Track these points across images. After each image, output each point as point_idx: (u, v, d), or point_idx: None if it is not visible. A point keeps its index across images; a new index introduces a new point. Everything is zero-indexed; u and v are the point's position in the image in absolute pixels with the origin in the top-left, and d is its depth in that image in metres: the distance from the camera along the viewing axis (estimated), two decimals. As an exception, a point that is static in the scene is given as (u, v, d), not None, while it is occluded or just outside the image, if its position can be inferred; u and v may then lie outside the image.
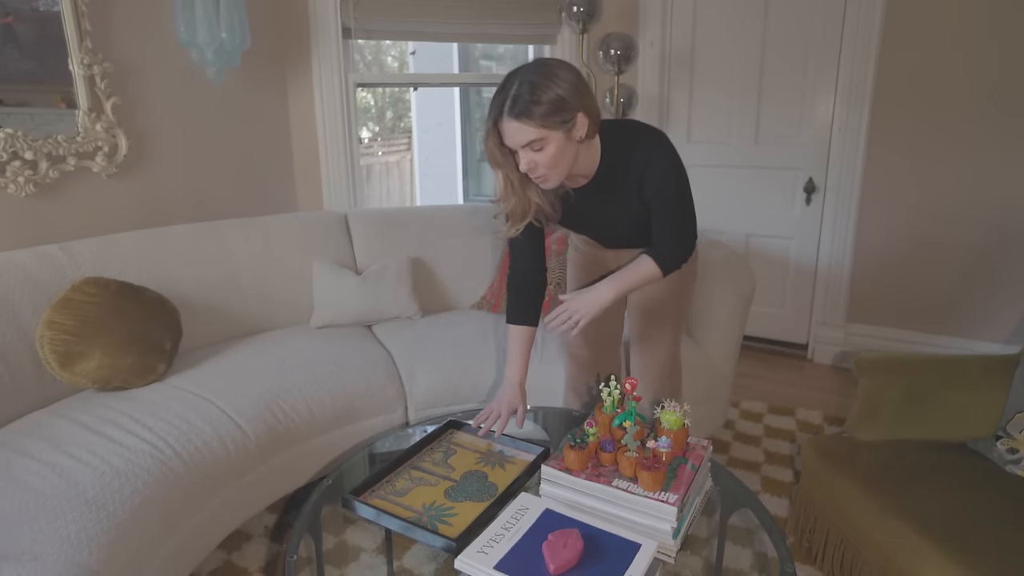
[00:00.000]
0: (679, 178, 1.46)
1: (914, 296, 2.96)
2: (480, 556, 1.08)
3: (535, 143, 1.30)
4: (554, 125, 1.29)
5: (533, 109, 1.26)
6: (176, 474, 1.49)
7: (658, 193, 1.45)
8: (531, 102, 1.26)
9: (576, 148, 1.37)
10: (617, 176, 1.47)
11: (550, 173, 1.35)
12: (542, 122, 1.28)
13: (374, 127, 7.07)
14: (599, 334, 1.84)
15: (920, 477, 1.60)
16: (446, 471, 1.44)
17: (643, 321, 1.80)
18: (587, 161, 1.44)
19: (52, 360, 1.70)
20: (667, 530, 1.17)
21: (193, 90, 2.33)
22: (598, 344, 1.86)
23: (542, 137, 1.29)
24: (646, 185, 1.44)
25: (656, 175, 1.43)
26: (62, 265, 1.88)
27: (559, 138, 1.31)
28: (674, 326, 1.80)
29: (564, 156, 1.34)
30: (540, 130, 1.28)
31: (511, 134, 1.31)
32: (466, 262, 2.52)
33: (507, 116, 1.29)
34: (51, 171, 1.97)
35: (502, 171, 1.40)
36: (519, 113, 1.27)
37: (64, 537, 1.25)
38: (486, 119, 1.36)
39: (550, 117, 1.28)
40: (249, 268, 2.24)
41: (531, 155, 1.32)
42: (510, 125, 1.29)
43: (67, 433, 1.54)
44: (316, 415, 1.82)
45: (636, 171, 1.44)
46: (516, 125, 1.29)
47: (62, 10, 1.94)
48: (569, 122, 1.31)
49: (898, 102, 2.79)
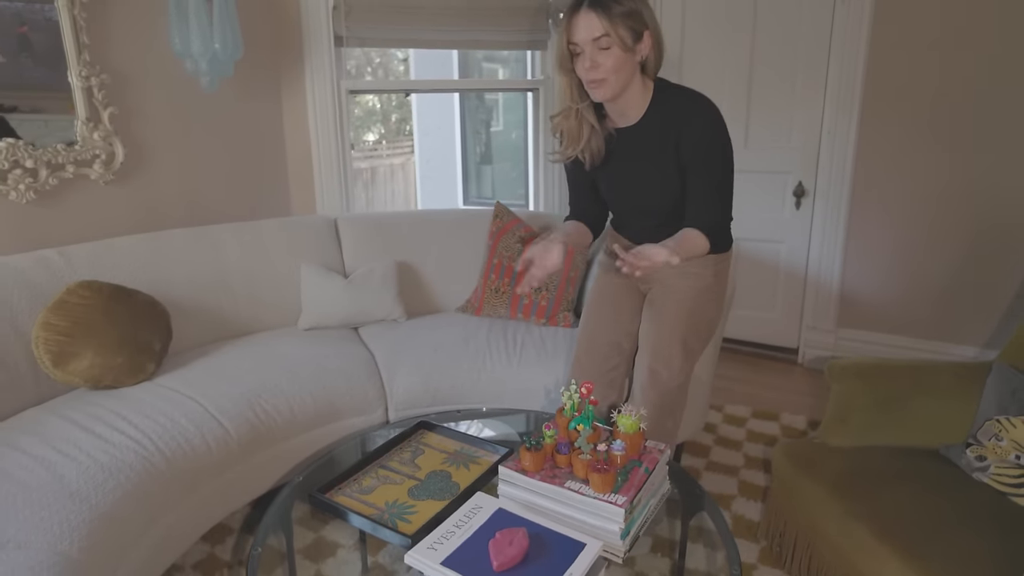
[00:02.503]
0: (719, 143, 1.51)
1: (905, 301, 2.97)
2: (429, 552, 1.13)
3: (603, 39, 1.39)
4: (625, 30, 1.40)
5: (613, 7, 1.38)
6: (158, 469, 1.56)
7: (696, 152, 1.50)
8: (614, 0, 1.38)
9: (634, 68, 1.46)
10: (658, 126, 1.53)
11: (608, 79, 1.43)
12: (617, 22, 1.38)
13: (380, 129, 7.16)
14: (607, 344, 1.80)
15: (886, 482, 1.62)
16: (412, 470, 1.50)
17: (653, 333, 1.72)
18: (637, 97, 1.52)
19: (46, 359, 1.78)
20: (615, 531, 1.21)
21: (188, 99, 2.41)
22: (601, 352, 1.82)
23: (610, 35, 1.39)
24: (684, 142, 1.50)
25: (695, 133, 1.49)
26: (59, 269, 1.96)
27: (624, 46, 1.41)
28: (687, 349, 1.68)
29: (624, 68, 1.43)
30: (612, 28, 1.38)
31: (584, 27, 1.40)
32: (452, 266, 2.58)
33: (586, 7, 1.39)
34: (51, 179, 2.05)
35: (566, 77, 1.49)
36: (599, 6, 1.38)
37: (47, 527, 1.32)
38: (563, 17, 1.45)
39: (625, 19, 1.39)
40: (240, 271, 2.31)
41: (596, 54, 1.41)
42: (587, 16, 1.39)
43: (57, 429, 1.61)
44: (297, 414, 1.88)
45: (676, 126, 1.50)
46: (592, 17, 1.39)
47: (61, 24, 2.02)
48: (638, 34, 1.42)
49: (887, 106, 2.81)
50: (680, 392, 1.75)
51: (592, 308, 1.89)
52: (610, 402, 1.86)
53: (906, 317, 2.98)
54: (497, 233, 2.51)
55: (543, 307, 2.37)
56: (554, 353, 2.12)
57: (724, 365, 3.17)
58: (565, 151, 1.61)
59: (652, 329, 1.72)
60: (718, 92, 3.05)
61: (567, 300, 2.37)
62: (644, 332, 1.75)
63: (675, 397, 1.74)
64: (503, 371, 2.10)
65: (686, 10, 3.07)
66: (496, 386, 2.09)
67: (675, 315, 1.68)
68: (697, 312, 1.70)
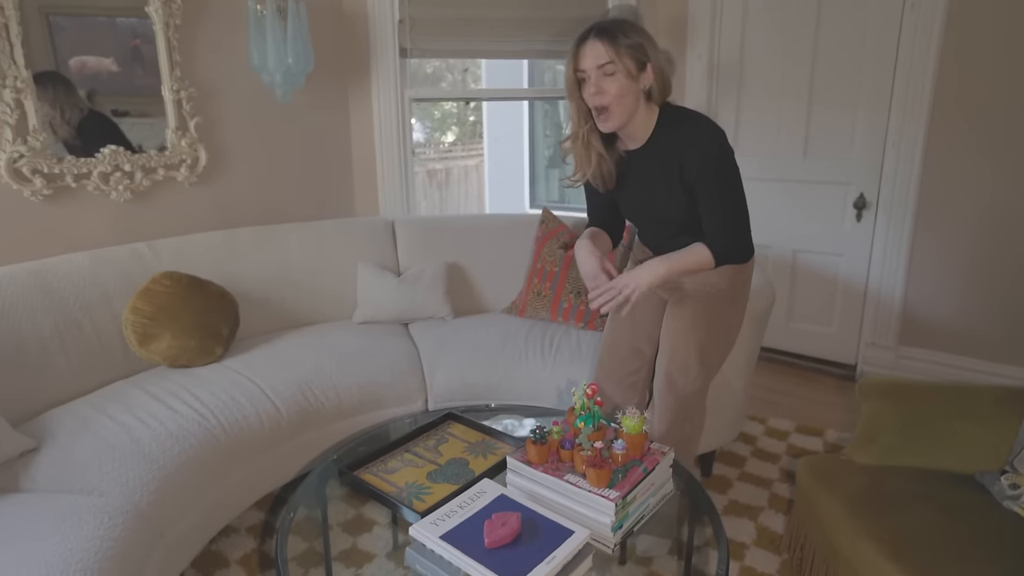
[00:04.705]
0: (722, 162, 1.56)
1: (972, 321, 2.84)
2: (431, 527, 1.25)
3: (608, 66, 1.49)
4: (629, 60, 1.49)
5: (619, 38, 1.49)
6: (217, 440, 1.77)
7: (701, 174, 1.55)
8: (619, 32, 1.49)
9: (638, 96, 1.55)
10: (663, 150, 1.60)
11: (613, 106, 1.52)
12: (622, 51, 1.49)
13: (455, 131, 7.40)
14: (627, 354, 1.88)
15: (907, 504, 1.59)
16: (434, 456, 1.63)
17: (670, 340, 1.78)
18: (643, 122, 1.60)
19: (133, 339, 2.04)
20: (607, 523, 1.30)
21: (264, 109, 2.66)
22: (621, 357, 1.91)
23: (615, 62, 1.49)
24: (687, 165, 1.56)
25: (697, 156, 1.55)
26: (148, 260, 2.23)
27: (629, 74, 1.50)
28: (704, 356, 1.74)
29: (628, 95, 1.52)
30: (617, 56, 1.48)
31: (591, 54, 1.50)
32: (500, 268, 2.69)
33: (593, 36, 1.50)
34: (144, 180, 2.34)
35: (574, 104, 1.60)
36: (605, 35, 1.49)
37: (124, 481, 1.55)
38: (572, 45, 1.56)
39: (630, 50, 1.49)
40: (301, 267, 2.53)
41: (601, 80, 1.51)
42: (594, 45, 1.50)
43: (138, 400, 1.86)
44: (344, 400, 2.06)
45: (679, 150, 1.57)
46: (599, 45, 1.49)
47: (157, 45, 2.29)
48: (642, 65, 1.51)
49: (957, 118, 2.69)
50: (698, 398, 1.79)
51: (615, 313, 1.95)
52: (631, 404, 1.92)
53: (973, 338, 2.84)
54: (542, 238, 2.61)
55: (581, 311, 2.45)
56: (587, 355, 2.20)
57: (774, 377, 3.13)
58: (575, 176, 1.69)
59: (670, 335, 1.78)
60: (778, 98, 3.06)
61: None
62: (663, 338, 1.81)
63: (692, 402, 1.78)
64: (537, 371, 2.20)
65: (748, 11, 3.05)
66: (530, 384, 2.19)
67: (692, 322, 1.73)
68: (714, 320, 1.74)
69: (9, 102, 1.98)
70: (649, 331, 1.86)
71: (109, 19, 2.22)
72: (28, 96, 2.01)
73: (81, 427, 1.72)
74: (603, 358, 1.94)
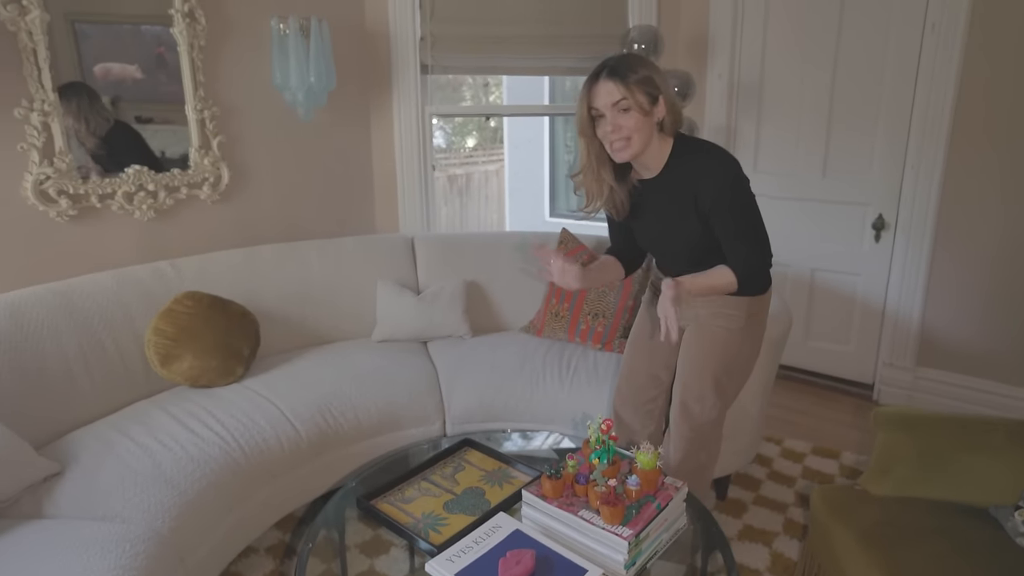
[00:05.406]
0: (736, 192, 1.59)
1: (991, 344, 2.81)
2: (447, 564, 1.27)
3: (622, 102, 1.51)
4: (642, 95, 1.52)
5: (629, 75, 1.51)
6: (238, 464, 1.80)
7: (716, 204, 1.58)
8: (628, 70, 1.52)
9: (652, 129, 1.57)
10: (676, 180, 1.62)
11: (629, 139, 1.54)
12: (633, 88, 1.51)
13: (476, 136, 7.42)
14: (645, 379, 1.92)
15: (917, 538, 1.59)
16: (451, 485, 1.65)
17: (686, 369, 1.80)
18: (657, 152, 1.62)
19: (155, 360, 2.08)
20: (620, 560, 1.31)
21: (286, 127, 2.69)
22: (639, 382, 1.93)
23: (628, 99, 1.51)
24: (701, 196, 1.58)
25: (711, 186, 1.57)
26: (170, 279, 2.26)
27: (643, 110, 1.53)
28: (719, 386, 1.75)
29: (643, 129, 1.55)
30: (630, 93, 1.51)
31: (604, 94, 1.53)
32: (518, 287, 2.71)
33: (604, 77, 1.53)
34: (167, 199, 2.38)
35: (585, 140, 1.62)
36: (616, 75, 1.51)
37: (145, 507, 1.58)
38: (583, 86, 1.58)
39: (641, 86, 1.52)
40: (322, 285, 2.56)
41: (617, 117, 1.53)
42: (606, 85, 1.52)
43: (159, 422, 1.89)
44: (362, 422, 2.08)
45: (693, 180, 1.59)
46: (611, 85, 1.52)
47: (181, 66, 2.33)
48: (654, 99, 1.54)
49: (978, 141, 2.66)
50: (714, 427, 1.80)
51: (633, 341, 1.97)
52: (648, 431, 1.94)
53: (991, 361, 2.81)
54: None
55: (599, 333, 2.45)
56: (604, 378, 2.21)
57: (790, 396, 3.11)
58: (587, 207, 1.71)
59: (686, 365, 1.79)
60: (797, 117, 3.05)
61: (622, 327, 2.45)
62: (679, 367, 1.82)
63: (708, 432, 1.79)
64: (555, 393, 2.21)
65: (768, 30, 3.04)
66: (547, 407, 2.20)
67: (708, 353, 1.75)
68: (730, 352, 1.75)
69: (36, 125, 2.02)
70: (667, 359, 1.87)
71: (134, 26, 2.25)
72: (55, 119, 2.04)
73: (104, 450, 1.75)
74: (621, 385, 1.96)
